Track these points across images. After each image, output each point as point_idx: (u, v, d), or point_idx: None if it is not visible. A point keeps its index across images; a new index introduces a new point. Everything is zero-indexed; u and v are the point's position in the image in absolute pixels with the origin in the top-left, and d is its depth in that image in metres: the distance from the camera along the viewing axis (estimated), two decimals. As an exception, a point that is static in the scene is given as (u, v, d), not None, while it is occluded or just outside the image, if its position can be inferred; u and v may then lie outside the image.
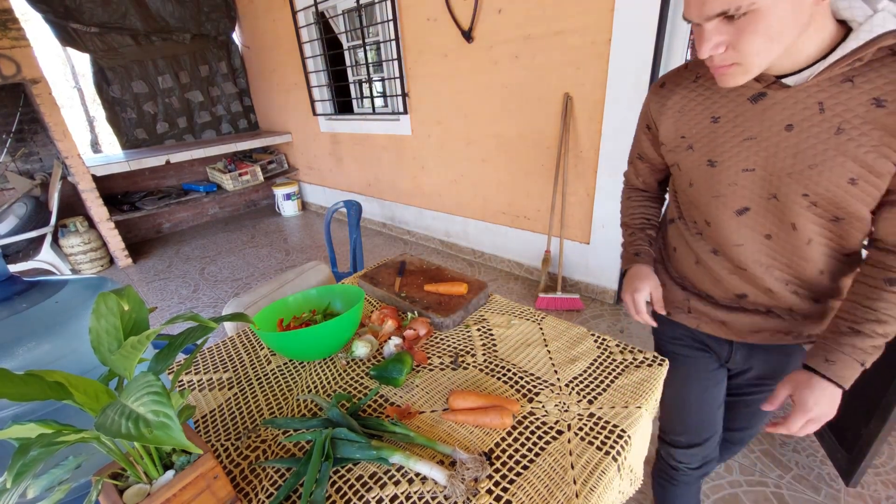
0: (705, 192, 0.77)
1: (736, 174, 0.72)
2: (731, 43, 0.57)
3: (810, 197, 0.67)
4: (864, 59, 0.59)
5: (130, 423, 0.43)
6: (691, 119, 0.75)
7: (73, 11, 3.68)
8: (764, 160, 0.68)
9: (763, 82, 0.65)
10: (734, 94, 0.70)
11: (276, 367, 1.01)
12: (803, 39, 0.59)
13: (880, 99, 0.58)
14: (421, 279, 1.28)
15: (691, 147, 0.76)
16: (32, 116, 3.63)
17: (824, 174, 0.64)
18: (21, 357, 0.56)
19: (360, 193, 4.24)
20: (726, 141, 0.71)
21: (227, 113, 5.01)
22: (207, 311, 2.94)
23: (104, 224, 3.66)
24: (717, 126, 0.72)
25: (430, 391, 0.89)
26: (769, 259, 0.76)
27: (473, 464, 0.68)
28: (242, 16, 4.58)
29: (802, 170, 0.65)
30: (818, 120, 0.63)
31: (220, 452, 0.79)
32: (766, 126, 0.67)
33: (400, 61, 3.11)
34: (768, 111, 0.66)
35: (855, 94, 0.60)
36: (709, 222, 0.79)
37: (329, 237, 2.25)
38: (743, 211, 0.74)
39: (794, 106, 0.64)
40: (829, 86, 0.61)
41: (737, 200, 0.73)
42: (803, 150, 0.65)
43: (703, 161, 0.75)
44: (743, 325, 0.84)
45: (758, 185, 0.70)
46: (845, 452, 1.39)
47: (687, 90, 0.76)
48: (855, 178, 0.63)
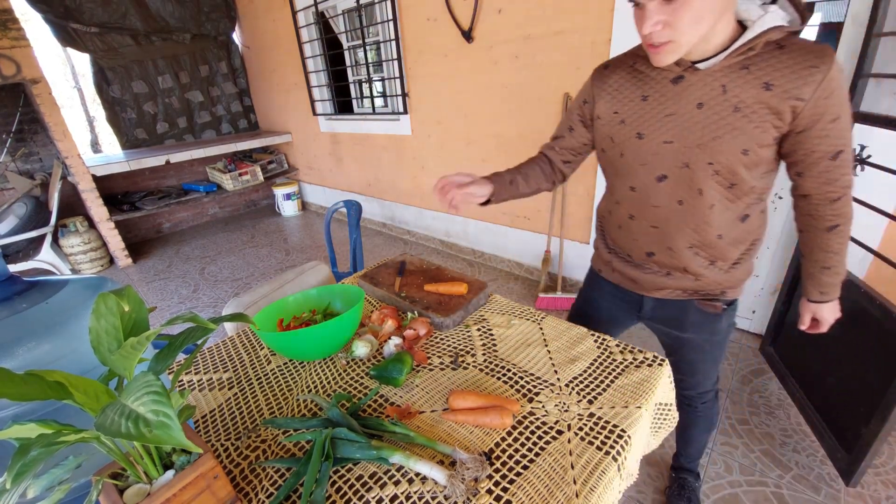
0: (633, 160, 0.89)
1: (658, 145, 0.84)
2: (667, 21, 0.69)
3: (714, 165, 0.80)
4: (756, 49, 0.72)
5: (130, 423, 0.43)
6: (625, 97, 0.88)
7: (73, 11, 3.68)
8: (680, 133, 0.81)
9: (682, 66, 0.78)
10: (660, 77, 0.82)
11: (276, 367, 1.01)
12: (714, 31, 0.72)
13: (769, 83, 0.73)
14: (421, 279, 1.28)
15: (623, 121, 0.89)
16: (32, 116, 3.63)
17: (724, 145, 0.78)
18: (21, 357, 0.56)
19: (360, 193, 4.24)
20: (652, 116, 0.84)
21: (227, 113, 5.00)
22: (207, 311, 2.94)
23: (104, 224, 3.66)
24: (646, 104, 0.85)
25: (430, 391, 0.89)
26: (679, 222, 0.89)
27: (473, 464, 0.68)
28: (242, 16, 4.58)
29: (708, 142, 0.79)
30: (721, 100, 0.76)
31: (220, 452, 0.79)
32: (682, 104, 0.80)
33: (400, 61, 3.11)
34: (685, 91, 0.79)
35: (750, 79, 0.74)
36: (633, 188, 0.92)
37: (329, 237, 2.25)
38: (662, 178, 0.87)
39: (704, 87, 0.77)
40: (730, 72, 0.75)
41: (658, 168, 0.86)
42: (709, 124, 0.78)
43: (633, 133, 0.87)
44: (649, 282, 1.00)
45: (674, 155, 0.83)
46: (845, 452, 1.39)
47: (624, 72, 0.89)
48: (747, 149, 0.77)
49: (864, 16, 1.53)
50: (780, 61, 0.72)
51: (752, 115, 0.75)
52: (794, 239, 1.90)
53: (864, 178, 1.56)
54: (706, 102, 0.77)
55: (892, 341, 1.26)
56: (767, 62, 0.73)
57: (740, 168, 0.79)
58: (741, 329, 2.27)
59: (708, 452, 1.58)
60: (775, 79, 0.72)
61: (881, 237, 1.70)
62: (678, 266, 0.94)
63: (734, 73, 0.75)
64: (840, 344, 1.51)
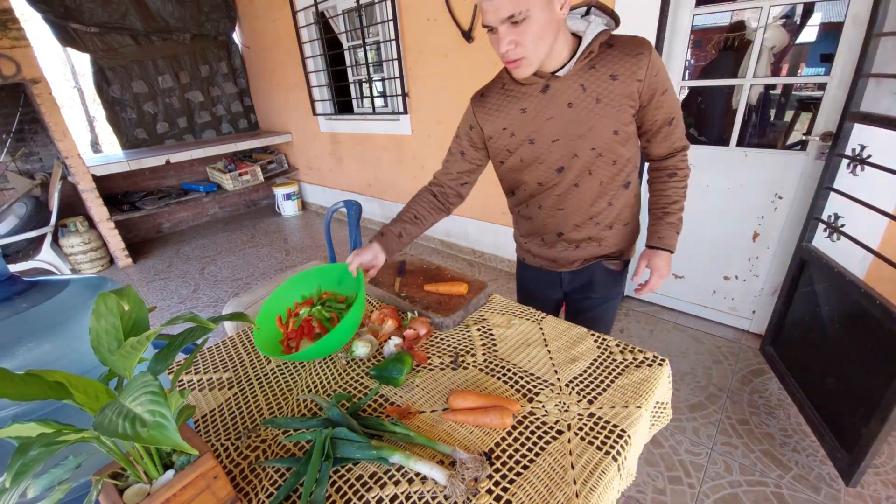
0: (532, 161, 1.03)
1: (548, 144, 0.99)
2: (517, 41, 0.83)
3: (596, 150, 0.98)
4: (594, 50, 0.90)
5: (127, 423, 0.43)
6: (507, 114, 1.01)
7: (73, 11, 3.68)
8: (562, 131, 0.97)
9: (545, 78, 0.93)
10: (530, 90, 0.97)
11: (276, 367, 1.00)
12: (558, 45, 0.88)
13: (614, 74, 0.90)
14: (421, 279, 1.28)
15: (513, 134, 1.02)
16: (32, 116, 3.63)
17: (598, 131, 0.95)
18: (21, 357, 0.56)
19: (360, 193, 4.24)
20: (535, 123, 0.98)
21: (227, 113, 5.00)
22: (207, 310, 2.94)
23: (104, 224, 3.66)
24: (526, 115, 0.98)
25: (430, 391, 0.89)
26: (578, 200, 1.06)
27: (473, 464, 0.68)
28: (242, 16, 4.58)
29: (585, 132, 0.96)
30: (584, 96, 0.93)
31: (220, 452, 0.79)
32: (556, 107, 0.95)
33: (400, 61, 3.11)
34: (554, 97, 0.94)
35: (598, 75, 0.91)
36: (540, 183, 1.06)
37: (329, 237, 2.25)
38: (560, 169, 1.02)
39: (568, 90, 0.93)
40: (583, 73, 0.92)
41: (554, 162, 1.01)
42: (581, 118, 0.94)
43: (525, 140, 1.01)
44: (564, 258, 1.17)
45: (564, 149, 0.99)
46: (845, 452, 1.39)
47: (499, 94, 1.02)
48: (616, 129, 0.95)
49: (864, 16, 1.53)
50: (615, 56, 0.90)
51: (610, 102, 0.92)
52: (793, 239, 1.90)
53: (864, 178, 1.56)
54: (574, 101, 0.93)
55: (892, 341, 1.26)
56: (606, 59, 0.90)
57: (616, 146, 0.97)
58: (741, 329, 2.27)
59: (708, 452, 1.58)
60: (616, 70, 0.90)
61: (881, 237, 1.70)
62: (584, 237, 1.12)
63: (586, 73, 0.91)
64: (840, 344, 1.51)
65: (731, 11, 3.04)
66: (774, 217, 2.00)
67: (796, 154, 1.88)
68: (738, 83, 1.99)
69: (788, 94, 3.38)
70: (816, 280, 1.66)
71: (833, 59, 1.70)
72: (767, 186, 1.97)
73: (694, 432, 1.67)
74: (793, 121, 3.07)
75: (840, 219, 1.64)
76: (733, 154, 2.02)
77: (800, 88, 3.49)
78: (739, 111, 1.97)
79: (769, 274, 2.09)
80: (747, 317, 2.23)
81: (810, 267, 1.70)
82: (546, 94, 0.95)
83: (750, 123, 2.69)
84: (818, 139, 1.79)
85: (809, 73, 3.63)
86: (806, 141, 1.84)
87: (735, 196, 2.07)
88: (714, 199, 2.13)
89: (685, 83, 2.07)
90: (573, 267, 1.18)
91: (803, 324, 1.74)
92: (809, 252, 1.69)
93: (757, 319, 2.20)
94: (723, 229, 2.16)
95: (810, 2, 2.85)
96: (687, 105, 2.99)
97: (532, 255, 1.24)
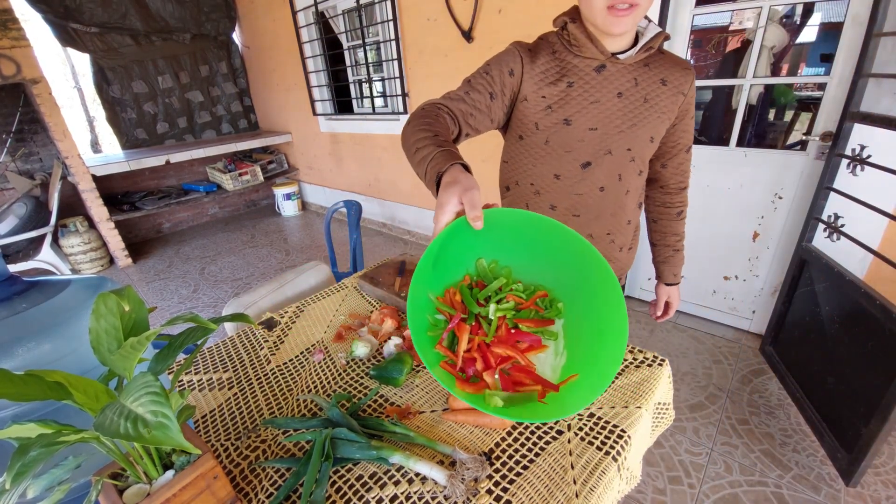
0: (559, 147, 0.90)
1: (584, 132, 0.87)
2: None
3: (631, 152, 0.89)
4: (654, 47, 0.84)
5: (129, 424, 0.43)
6: (552, 83, 0.86)
7: (73, 11, 3.68)
8: (603, 120, 0.86)
9: (605, 56, 0.83)
10: (583, 66, 0.85)
11: (276, 367, 1.01)
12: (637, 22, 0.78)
13: (664, 79, 0.86)
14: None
15: (550, 107, 0.87)
16: (32, 116, 3.63)
17: (638, 133, 0.87)
18: (21, 357, 0.56)
19: (361, 193, 4.24)
20: (578, 103, 0.86)
21: (227, 113, 5.00)
22: (207, 311, 2.94)
23: (104, 224, 3.66)
24: (572, 90, 0.86)
25: (430, 391, 0.89)
26: (600, 209, 0.95)
27: (473, 464, 0.68)
28: (242, 16, 4.58)
29: (627, 129, 0.87)
30: (634, 90, 0.86)
31: (220, 452, 0.79)
32: (605, 92, 0.85)
33: (400, 61, 3.11)
34: (606, 80, 0.85)
35: (651, 75, 0.86)
36: (558, 175, 0.92)
37: (329, 237, 2.25)
38: (586, 165, 0.91)
39: (621, 78, 0.85)
40: (638, 67, 0.85)
41: (583, 155, 0.90)
42: (627, 112, 0.86)
43: (560, 120, 0.87)
44: None
45: (598, 142, 0.88)
46: (845, 452, 1.39)
47: (549, 58, 0.87)
48: (653, 136, 0.89)
49: (864, 16, 1.53)
50: (667, 63, 0.87)
51: (656, 105, 0.87)
52: (793, 239, 1.90)
53: (864, 177, 1.56)
54: (624, 92, 0.85)
55: (892, 341, 1.26)
56: (659, 63, 0.87)
57: (647, 155, 0.92)
58: (741, 329, 2.27)
59: (708, 452, 1.59)
60: (667, 76, 0.86)
61: (881, 237, 1.70)
62: None
63: (640, 68, 0.86)
64: (840, 344, 1.51)
65: (731, 11, 3.04)
66: (774, 217, 2.00)
67: (796, 154, 1.89)
68: (738, 83, 1.99)
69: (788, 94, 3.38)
70: (816, 280, 1.66)
71: (833, 59, 1.70)
72: (767, 186, 1.97)
73: (694, 432, 1.67)
74: (793, 121, 3.07)
75: (840, 219, 1.65)
76: (733, 154, 2.02)
77: (800, 88, 3.49)
78: (739, 111, 1.97)
79: (769, 274, 2.09)
80: (747, 317, 2.24)
81: (810, 267, 1.70)
82: (599, 74, 0.84)
83: (750, 123, 2.69)
84: (818, 139, 1.79)
85: (809, 72, 3.63)
86: (806, 141, 1.84)
87: (735, 196, 2.07)
88: (714, 199, 2.13)
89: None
90: None
91: (803, 324, 1.74)
92: (809, 252, 1.69)
93: (757, 319, 2.20)
94: (723, 229, 2.16)
95: (810, 2, 2.85)
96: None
97: None
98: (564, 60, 0.86)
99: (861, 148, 1.52)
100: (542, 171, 0.94)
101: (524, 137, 0.92)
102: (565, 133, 0.87)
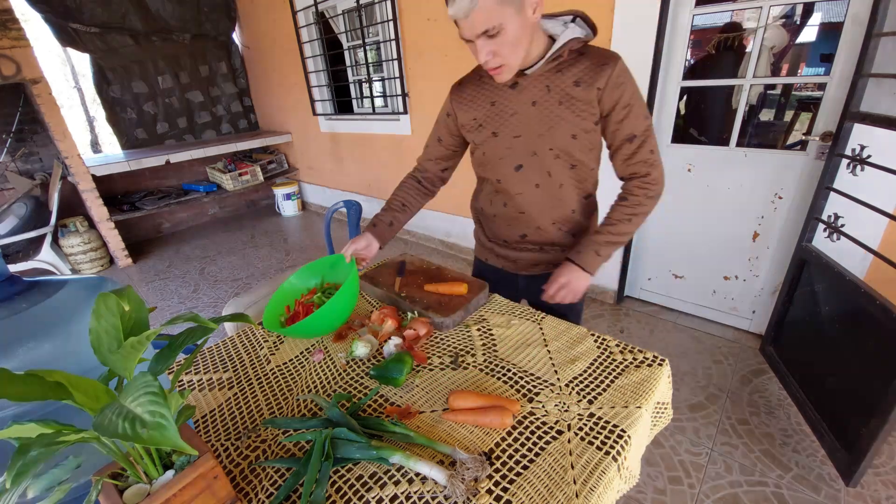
0: (493, 156, 1.08)
1: (510, 140, 1.03)
2: (495, 52, 0.87)
3: (554, 150, 1.01)
4: (564, 56, 0.94)
5: (127, 424, 0.43)
6: (479, 105, 1.06)
7: (73, 11, 3.68)
8: (524, 128, 1.01)
9: (515, 75, 0.96)
10: (501, 85, 1.01)
11: (276, 367, 1.01)
12: (532, 46, 0.92)
13: (578, 80, 0.94)
14: (421, 279, 1.28)
15: (481, 125, 1.06)
16: (32, 116, 3.63)
17: (557, 132, 0.98)
18: (21, 357, 0.56)
19: (361, 193, 4.24)
20: (501, 117, 1.03)
21: (227, 113, 5.00)
22: (207, 311, 2.94)
23: (104, 224, 3.66)
24: (494, 108, 1.03)
25: (430, 391, 0.89)
26: (540, 203, 1.09)
27: (473, 464, 0.68)
28: (242, 16, 4.58)
29: (545, 132, 0.99)
30: (548, 97, 0.97)
31: (220, 452, 0.79)
32: (521, 104, 1.00)
33: (400, 61, 3.11)
34: (521, 93, 0.99)
35: (564, 79, 0.95)
36: (499, 180, 1.10)
37: (329, 237, 2.25)
38: (519, 167, 1.06)
39: (534, 88, 0.97)
40: (550, 75, 0.96)
41: (514, 159, 1.05)
42: (543, 117, 0.98)
43: (490, 133, 1.05)
44: (526, 260, 1.21)
45: (524, 147, 1.03)
46: (845, 452, 1.39)
47: (475, 85, 1.07)
48: (574, 134, 0.98)
49: (864, 16, 1.53)
50: (582, 63, 0.94)
51: (571, 106, 0.96)
52: (793, 239, 1.90)
53: (864, 178, 1.56)
54: (538, 100, 0.98)
55: (892, 341, 1.26)
56: (573, 65, 0.94)
57: (574, 151, 1.01)
58: (741, 329, 2.27)
59: (708, 452, 1.59)
60: (580, 76, 0.94)
61: (881, 237, 1.70)
62: (548, 241, 1.15)
63: (553, 75, 0.96)
64: (840, 344, 1.51)
65: (730, 11, 3.04)
66: (774, 217, 2.00)
67: (796, 154, 1.89)
68: (738, 83, 1.99)
69: (788, 94, 3.38)
70: (816, 280, 1.66)
71: (833, 59, 1.70)
72: (767, 186, 1.97)
73: (694, 432, 1.67)
74: (793, 121, 3.07)
75: (840, 219, 1.65)
76: (733, 154, 2.02)
77: (799, 88, 3.49)
78: (739, 111, 1.97)
79: (769, 274, 2.09)
80: (747, 317, 2.24)
81: (810, 267, 1.70)
82: (514, 90, 0.99)
83: (750, 123, 2.69)
84: (818, 139, 1.79)
85: (809, 72, 3.63)
86: (806, 141, 1.84)
87: (735, 196, 2.07)
88: (714, 199, 2.13)
89: (685, 83, 2.07)
90: (533, 271, 1.21)
91: (803, 324, 1.74)
92: (809, 252, 1.69)
93: (757, 319, 2.20)
94: (723, 229, 2.16)
95: (810, 2, 2.85)
96: (687, 105, 3.00)
97: (494, 254, 1.27)
98: (488, 84, 1.04)
99: (861, 148, 1.52)
100: (490, 177, 1.13)
101: (473, 152, 1.14)
102: (495, 143, 1.06)
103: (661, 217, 2.35)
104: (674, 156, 2.18)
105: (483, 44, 0.86)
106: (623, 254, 2.46)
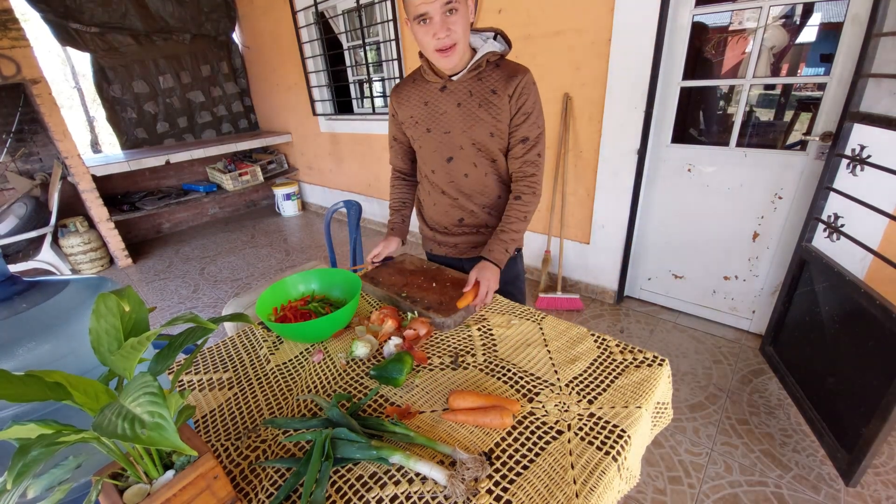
0: (428, 149, 1.23)
1: (440, 135, 1.19)
2: (451, 28, 0.99)
3: (476, 145, 1.17)
4: (482, 65, 1.11)
5: (126, 424, 0.43)
6: (413, 104, 1.21)
7: (73, 11, 3.68)
8: (452, 125, 1.16)
9: (444, 79, 1.14)
10: (432, 88, 1.17)
11: (275, 367, 1.01)
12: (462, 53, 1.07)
13: (493, 88, 1.11)
14: (421, 279, 1.28)
15: (417, 122, 1.21)
16: (32, 116, 3.63)
17: (477, 129, 1.14)
18: (21, 357, 0.56)
19: (361, 193, 4.24)
20: (432, 115, 1.18)
21: (227, 113, 5.00)
22: (207, 311, 2.94)
23: (104, 224, 3.66)
24: (427, 107, 1.18)
25: (430, 391, 0.89)
26: (469, 190, 1.25)
27: (473, 464, 0.68)
28: (242, 16, 4.58)
29: (467, 129, 1.15)
30: (470, 100, 1.13)
31: (220, 452, 0.79)
32: (449, 104, 1.15)
33: (400, 61, 3.11)
34: (448, 96, 1.15)
35: (483, 86, 1.11)
36: (433, 170, 1.26)
37: (329, 237, 2.25)
38: (449, 159, 1.21)
39: (459, 92, 1.14)
40: (473, 82, 1.12)
41: (445, 152, 1.21)
42: (466, 117, 1.14)
43: (424, 129, 1.21)
44: (464, 244, 1.34)
45: (452, 141, 1.18)
46: (845, 452, 1.39)
47: (411, 87, 1.22)
48: (492, 132, 1.14)
49: (864, 16, 1.53)
50: (498, 75, 1.11)
51: (489, 109, 1.11)
52: (793, 239, 1.90)
53: (863, 178, 1.56)
54: (462, 102, 1.13)
55: (892, 341, 1.26)
56: (491, 76, 1.11)
57: (492, 147, 1.16)
58: (741, 329, 2.27)
59: (708, 452, 1.59)
60: (496, 86, 1.10)
61: (881, 237, 1.70)
62: (482, 223, 1.30)
63: (475, 82, 1.12)
64: (840, 344, 1.51)
65: (730, 11, 3.04)
66: (774, 217, 2.00)
67: (796, 154, 1.89)
68: (738, 83, 1.99)
69: (788, 94, 3.38)
70: (816, 280, 1.66)
71: (833, 59, 1.70)
72: (767, 186, 1.97)
73: (694, 432, 1.68)
74: (792, 121, 3.07)
75: (840, 219, 1.65)
76: (733, 154, 2.02)
77: (799, 88, 3.48)
78: (739, 111, 1.97)
79: (769, 274, 2.09)
80: (747, 317, 2.24)
81: (810, 267, 1.70)
82: (443, 92, 1.15)
83: (749, 123, 2.69)
84: (818, 139, 1.79)
85: (809, 73, 3.63)
86: (806, 141, 1.84)
87: (735, 196, 2.07)
88: (714, 199, 2.13)
89: (684, 83, 2.07)
90: (474, 254, 1.33)
91: (803, 324, 1.74)
92: (809, 252, 1.69)
93: (757, 319, 2.20)
94: (723, 229, 2.16)
95: (810, 2, 2.85)
96: (687, 105, 2.99)
97: (437, 243, 1.39)
98: (421, 86, 1.19)
99: (861, 148, 1.52)
100: (426, 168, 1.28)
101: (413, 147, 1.29)
102: (429, 138, 1.21)
103: (661, 217, 2.35)
104: (674, 156, 2.18)
105: (442, 19, 0.98)
106: (623, 254, 2.46)
